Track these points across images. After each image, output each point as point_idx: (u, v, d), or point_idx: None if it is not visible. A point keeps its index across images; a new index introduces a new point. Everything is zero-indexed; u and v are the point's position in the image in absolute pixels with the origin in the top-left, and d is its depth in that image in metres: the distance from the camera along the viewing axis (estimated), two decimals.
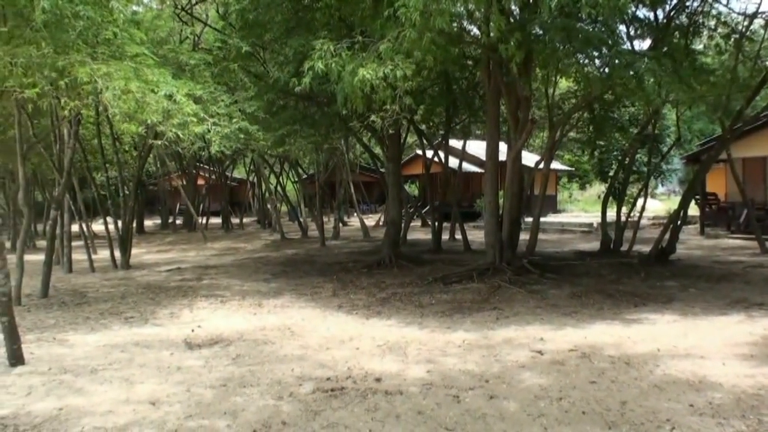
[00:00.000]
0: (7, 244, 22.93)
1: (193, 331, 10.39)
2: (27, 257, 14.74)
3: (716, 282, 14.08)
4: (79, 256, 19.85)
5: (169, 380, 7.51)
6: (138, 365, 8.25)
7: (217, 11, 19.55)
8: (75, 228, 21.06)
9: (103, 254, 21.55)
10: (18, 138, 13.99)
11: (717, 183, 27.38)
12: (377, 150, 29.41)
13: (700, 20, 15.83)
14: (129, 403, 6.64)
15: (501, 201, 16.19)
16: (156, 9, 19.04)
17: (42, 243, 23.09)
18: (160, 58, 12.46)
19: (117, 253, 19.72)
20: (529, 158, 30.05)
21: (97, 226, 28.96)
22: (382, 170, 26.21)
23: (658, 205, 35.81)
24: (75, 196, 20.44)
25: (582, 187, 44.69)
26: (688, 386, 6.87)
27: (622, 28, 14.71)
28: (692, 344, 8.68)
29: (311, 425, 5.98)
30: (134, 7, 14.16)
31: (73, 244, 19.40)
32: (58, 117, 14.73)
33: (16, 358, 8.30)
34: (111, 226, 20.71)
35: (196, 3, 21.79)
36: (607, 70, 12.60)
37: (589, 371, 7.53)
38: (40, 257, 15.85)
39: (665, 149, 26.72)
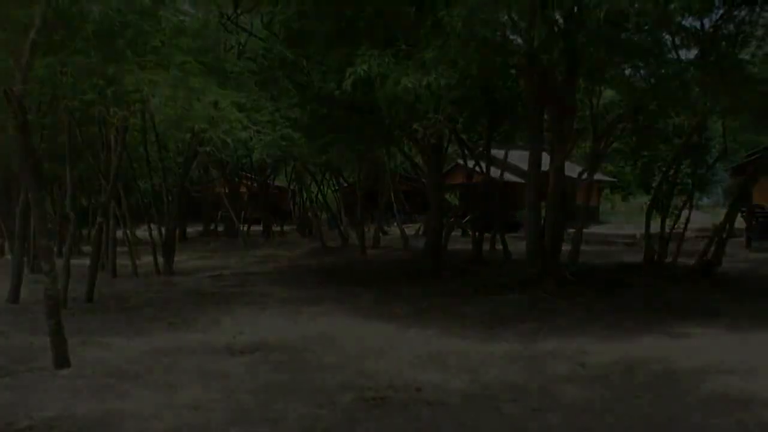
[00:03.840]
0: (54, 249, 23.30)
1: (234, 337, 10.43)
2: (72, 262, 14.97)
3: (764, 296, 13.80)
4: (123, 261, 20.11)
5: (212, 386, 7.56)
6: (181, 370, 8.32)
7: (262, 21, 19.68)
8: (119, 234, 21.35)
9: (146, 260, 21.79)
10: (67, 145, 14.23)
11: (764, 195, 26.77)
12: (418, 160, 29.36)
13: (748, 29, 15.55)
14: (172, 408, 6.70)
15: (543, 211, 16.04)
16: (202, 17, 19.22)
17: (87, 248, 23.41)
18: (206, 66, 12.58)
19: (160, 259, 19.95)
20: (571, 168, 29.75)
21: (141, 232, 29.33)
22: (423, 180, 26.17)
23: (703, 217, 35.22)
24: (120, 202, 20.69)
25: (625, 198, 44.18)
26: (736, 403, 6.72)
27: (668, 37, 14.53)
28: (740, 359, 8.49)
29: None
30: (181, 17, 14.33)
31: (118, 249, 19.66)
32: (105, 124, 14.96)
33: (61, 361, 8.43)
34: (155, 232, 20.94)
35: (242, 13, 21.98)
36: (652, 80, 12.45)
37: (633, 385, 7.41)
38: (85, 262, 16.08)
39: (710, 160, 26.26)
